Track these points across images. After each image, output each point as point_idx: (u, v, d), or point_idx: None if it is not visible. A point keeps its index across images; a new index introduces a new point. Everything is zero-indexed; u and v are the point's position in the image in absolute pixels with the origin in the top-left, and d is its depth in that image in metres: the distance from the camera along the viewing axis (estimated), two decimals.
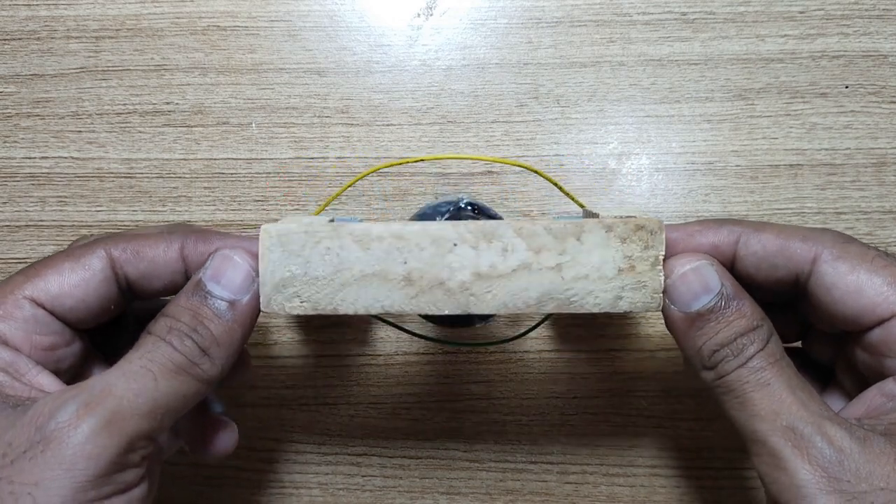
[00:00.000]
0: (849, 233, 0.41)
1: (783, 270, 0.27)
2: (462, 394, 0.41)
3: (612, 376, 0.41)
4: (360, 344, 0.41)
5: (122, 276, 0.29)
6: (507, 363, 0.41)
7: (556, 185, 0.32)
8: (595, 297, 0.27)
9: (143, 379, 0.25)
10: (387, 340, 0.41)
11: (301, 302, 0.27)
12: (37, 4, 0.42)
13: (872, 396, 0.27)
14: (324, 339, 0.41)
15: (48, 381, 0.27)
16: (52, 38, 0.42)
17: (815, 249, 0.27)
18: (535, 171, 0.31)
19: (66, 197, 0.42)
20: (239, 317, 0.27)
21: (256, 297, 0.27)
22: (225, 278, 0.27)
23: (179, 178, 0.41)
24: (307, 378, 0.41)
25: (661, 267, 0.27)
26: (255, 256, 0.27)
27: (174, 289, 0.29)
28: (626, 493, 0.41)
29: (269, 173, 0.41)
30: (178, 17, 0.42)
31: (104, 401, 0.24)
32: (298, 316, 0.26)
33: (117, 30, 0.42)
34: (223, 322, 0.27)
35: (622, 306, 0.27)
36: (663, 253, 0.27)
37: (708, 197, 0.41)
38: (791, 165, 0.41)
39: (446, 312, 0.27)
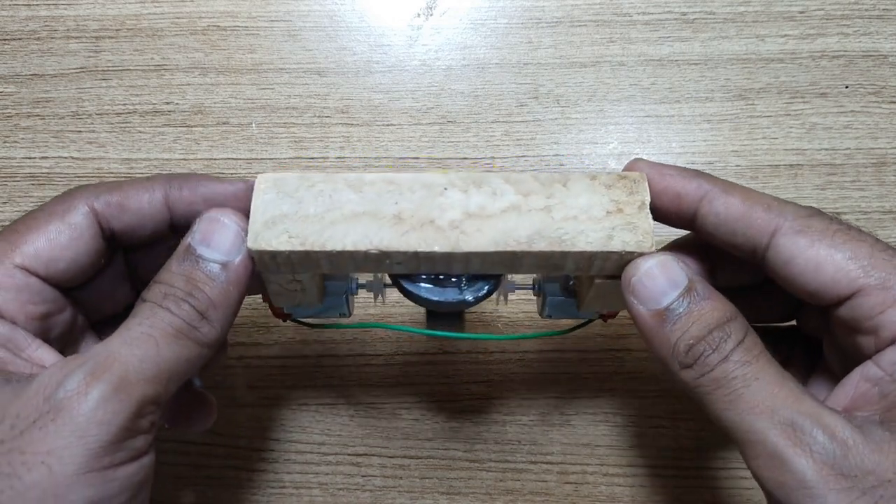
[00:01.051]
0: None
1: (741, 238, 0.27)
2: (462, 394, 0.41)
3: (612, 376, 0.41)
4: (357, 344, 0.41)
5: (108, 229, 0.28)
6: (507, 363, 0.41)
7: None
8: (586, 236, 0.26)
9: (145, 345, 0.25)
10: (387, 340, 0.41)
11: (289, 237, 0.26)
12: (37, 4, 0.42)
13: (856, 382, 0.26)
14: (324, 339, 0.41)
15: (48, 356, 0.27)
16: (52, 38, 0.42)
17: (776, 221, 0.26)
18: None
19: None
20: (233, 277, 0.27)
21: (248, 257, 0.27)
22: (214, 240, 0.27)
23: None
24: (307, 378, 0.41)
25: (648, 211, 0.27)
26: (244, 215, 0.27)
27: (159, 237, 0.29)
28: (626, 493, 0.41)
29: None
30: (178, 17, 0.42)
31: (110, 368, 0.24)
32: (285, 262, 0.26)
33: (117, 30, 0.42)
34: (218, 284, 0.26)
35: (615, 245, 0.26)
36: (649, 199, 0.27)
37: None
38: (791, 165, 0.41)
39: (436, 249, 0.26)
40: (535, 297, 0.33)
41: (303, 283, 0.28)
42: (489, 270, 0.28)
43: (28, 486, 0.22)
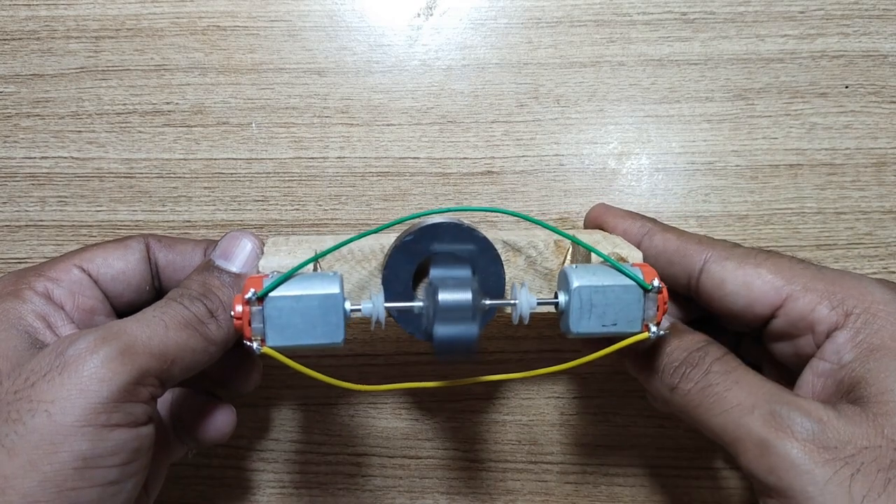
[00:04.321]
0: (848, 232, 0.41)
1: (678, 267, 0.31)
2: (462, 394, 0.41)
3: (613, 376, 0.41)
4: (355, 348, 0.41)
5: (154, 260, 0.33)
6: (507, 363, 0.41)
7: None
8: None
9: (154, 325, 0.27)
10: (387, 340, 0.41)
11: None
12: (37, 4, 0.42)
13: (810, 381, 0.28)
14: None
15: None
16: (52, 38, 0.42)
17: (706, 252, 0.30)
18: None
19: (66, 197, 0.42)
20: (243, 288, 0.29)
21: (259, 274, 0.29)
22: (232, 255, 0.31)
23: (179, 178, 0.41)
24: (307, 378, 0.41)
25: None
26: (259, 240, 0.31)
27: None
28: (626, 493, 0.41)
29: (269, 173, 0.41)
30: (178, 17, 0.42)
31: (119, 336, 0.26)
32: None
33: (117, 30, 0.42)
34: (230, 291, 0.30)
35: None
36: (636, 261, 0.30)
37: (708, 197, 0.41)
38: (791, 165, 0.41)
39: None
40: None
41: None
42: None
43: (29, 431, 0.24)
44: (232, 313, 0.27)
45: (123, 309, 0.32)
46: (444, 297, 0.26)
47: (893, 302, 0.27)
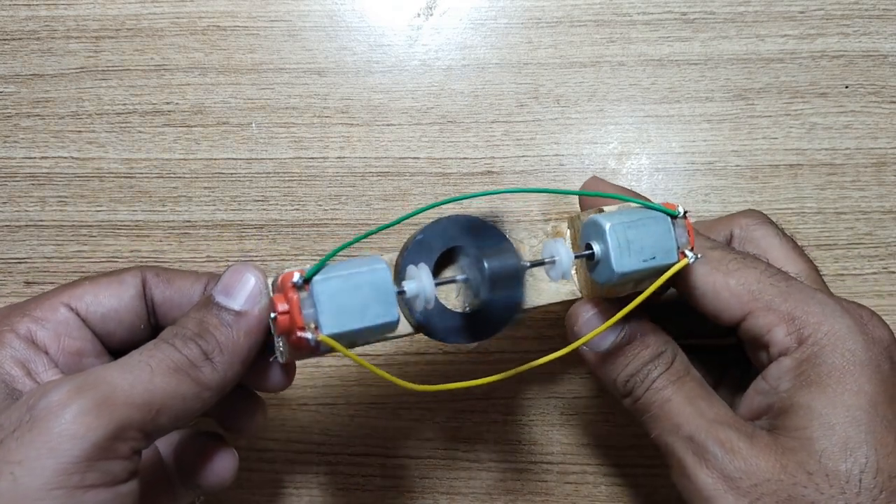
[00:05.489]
0: (848, 232, 0.41)
1: None
2: (462, 394, 0.41)
3: None
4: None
5: (150, 297, 0.30)
6: (507, 363, 0.41)
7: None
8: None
9: (139, 371, 0.25)
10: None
11: None
12: (37, 4, 0.42)
13: (752, 396, 0.29)
14: None
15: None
16: (52, 38, 0.42)
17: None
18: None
19: (66, 197, 0.42)
20: (245, 327, 0.27)
21: (265, 311, 0.28)
22: (233, 291, 0.28)
23: (179, 178, 0.41)
24: (307, 378, 0.41)
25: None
26: (264, 274, 0.28)
27: None
28: (626, 493, 0.41)
29: (269, 173, 0.41)
30: (178, 17, 0.42)
31: (97, 386, 0.24)
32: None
33: (117, 30, 0.42)
34: (228, 331, 0.27)
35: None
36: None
37: (708, 197, 0.41)
38: (791, 165, 0.41)
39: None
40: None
41: None
42: None
43: None
44: (273, 314, 0.25)
45: (117, 348, 0.30)
46: (492, 263, 0.26)
47: (849, 336, 0.27)
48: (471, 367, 0.41)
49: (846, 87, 0.41)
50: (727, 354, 0.33)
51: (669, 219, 0.28)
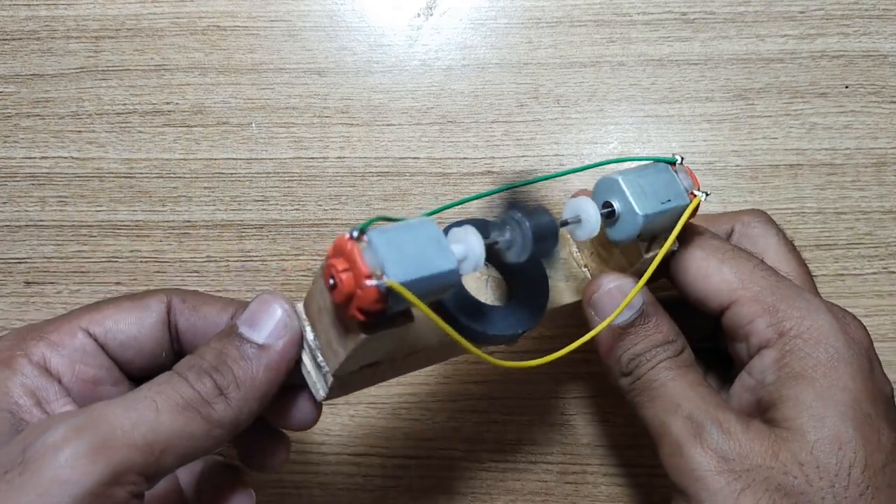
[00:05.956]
0: (848, 232, 0.41)
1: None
2: (462, 394, 0.41)
3: None
4: None
5: (174, 324, 0.29)
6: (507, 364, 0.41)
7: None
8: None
9: (144, 409, 0.24)
10: None
11: None
12: (37, 4, 0.42)
13: (738, 393, 0.29)
14: None
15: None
16: (52, 38, 0.42)
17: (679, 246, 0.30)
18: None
19: (66, 197, 0.42)
20: (266, 361, 0.26)
21: (291, 345, 0.26)
22: (258, 322, 0.26)
23: (179, 178, 0.41)
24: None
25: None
26: (292, 306, 0.27)
27: None
28: (626, 493, 0.41)
29: (269, 173, 0.41)
30: (178, 17, 0.42)
31: (97, 426, 0.23)
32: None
33: (117, 30, 0.42)
34: (248, 364, 0.26)
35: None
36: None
37: (708, 197, 0.41)
38: (791, 165, 0.41)
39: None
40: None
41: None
42: None
43: None
44: (333, 281, 0.22)
45: (137, 375, 0.29)
46: (534, 221, 0.26)
47: (831, 333, 0.27)
48: (472, 366, 0.41)
49: (846, 87, 0.41)
50: (710, 359, 0.34)
51: (670, 167, 0.29)
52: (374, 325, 0.23)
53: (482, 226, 0.27)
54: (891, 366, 0.40)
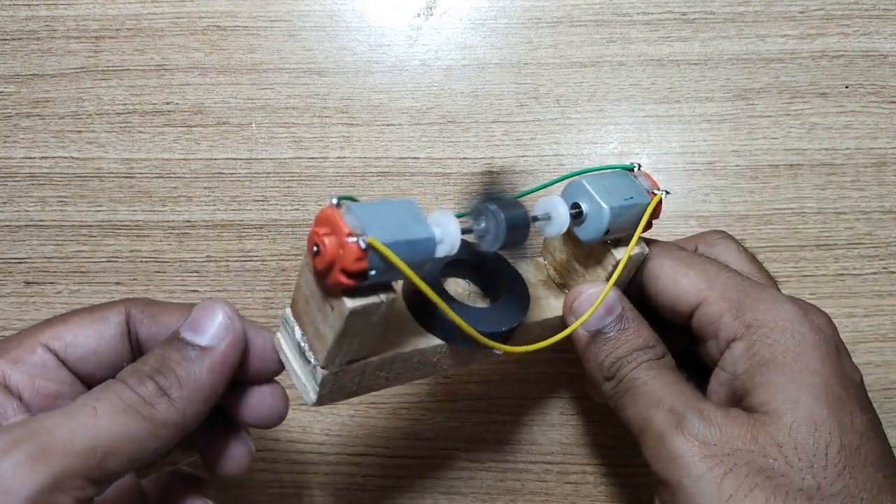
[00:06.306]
0: (848, 232, 0.41)
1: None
2: (462, 394, 0.41)
3: None
4: None
5: (135, 334, 0.29)
6: (507, 363, 0.41)
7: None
8: None
9: (82, 416, 0.24)
10: None
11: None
12: (37, 4, 0.42)
13: (715, 390, 0.30)
14: None
15: None
16: (52, 38, 0.42)
17: (652, 246, 0.32)
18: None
19: (66, 197, 0.42)
20: (209, 363, 0.26)
21: (233, 346, 0.27)
22: (200, 326, 0.27)
23: (179, 178, 0.41)
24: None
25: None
26: (236, 311, 0.28)
27: None
28: (626, 493, 0.41)
29: (269, 173, 0.41)
30: (178, 17, 0.42)
31: (36, 435, 0.23)
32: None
33: (117, 30, 0.42)
34: (190, 365, 0.26)
35: None
36: None
37: (708, 197, 0.41)
38: (791, 165, 0.41)
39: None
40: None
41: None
42: None
43: None
44: (316, 248, 0.23)
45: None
46: (508, 213, 0.27)
47: (796, 321, 0.28)
48: (472, 366, 0.41)
49: (846, 87, 0.41)
50: (687, 370, 0.34)
51: (629, 172, 0.31)
52: (358, 292, 0.24)
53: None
54: (891, 366, 0.40)
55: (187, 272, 0.41)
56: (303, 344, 0.26)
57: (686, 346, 0.33)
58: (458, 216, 0.27)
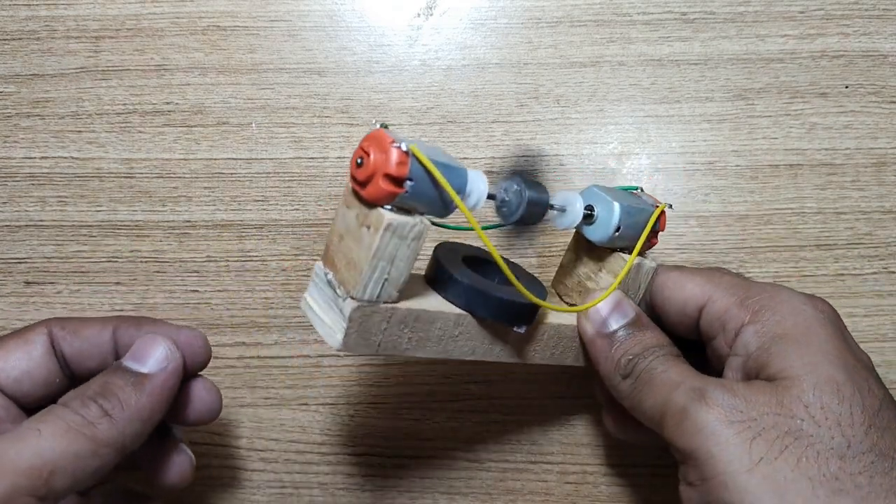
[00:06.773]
0: (848, 232, 0.41)
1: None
2: (462, 394, 0.41)
3: None
4: None
5: (60, 351, 0.31)
6: (507, 363, 0.41)
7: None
8: None
9: (27, 437, 0.25)
10: None
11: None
12: (37, 4, 0.42)
13: (729, 377, 0.30)
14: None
15: None
16: (52, 38, 0.42)
17: (658, 266, 0.34)
18: None
19: (66, 197, 0.42)
20: (149, 388, 0.28)
21: (173, 373, 0.29)
22: (143, 356, 0.29)
23: (179, 178, 0.41)
24: (307, 378, 0.41)
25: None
26: (174, 342, 0.30)
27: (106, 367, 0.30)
28: (626, 493, 0.41)
29: (269, 173, 0.41)
30: (178, 17, 0.42)
31: None
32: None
33: (117, 30, 0.42)
34: (132, 389, 0.28)
35: None
36: None
37: (708, 197, 0.41)
38: (791, 165, 0.41)
39: None
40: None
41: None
42: None
43: None
44: (360, 160, 0.25)
45: (34, 406, 0.30)
46: (532, 194, 0.29)
47: (800, 304, 0.29)
48: (472, 366, 0.41)
49: (846, 87, 0.41)
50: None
51: (632, 193, 0.34)
52: (396, 203, 0.25)
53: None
54: (891, 366, 0.40)
55: (187, 272, 0.41)
56: (333, 282, 0.27)
57: (696, 357, 0.33)
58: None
